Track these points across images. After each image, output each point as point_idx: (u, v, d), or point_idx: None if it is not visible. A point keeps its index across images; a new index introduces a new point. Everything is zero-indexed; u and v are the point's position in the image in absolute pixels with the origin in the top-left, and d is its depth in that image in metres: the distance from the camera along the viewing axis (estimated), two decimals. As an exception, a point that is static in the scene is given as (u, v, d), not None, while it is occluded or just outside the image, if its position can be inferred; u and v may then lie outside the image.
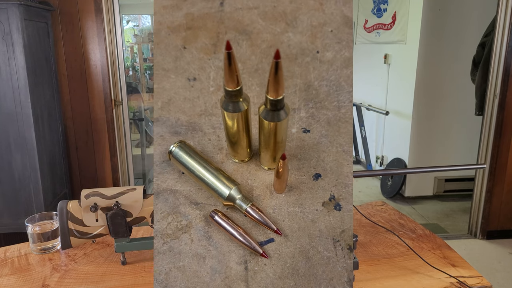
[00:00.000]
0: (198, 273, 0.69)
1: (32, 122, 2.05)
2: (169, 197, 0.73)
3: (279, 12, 0.79)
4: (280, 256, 0.70)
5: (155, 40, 0.80)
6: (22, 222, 1.16)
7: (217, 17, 0.80)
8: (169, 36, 0.80)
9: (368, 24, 4.14)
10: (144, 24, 6.42)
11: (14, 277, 0.94)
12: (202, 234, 0.71)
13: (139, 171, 3.98)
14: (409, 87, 3.46)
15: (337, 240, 0.71)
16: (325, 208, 0.72)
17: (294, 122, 0.76)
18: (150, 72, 5.90)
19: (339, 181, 0.73)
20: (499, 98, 2.65)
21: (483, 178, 2.84)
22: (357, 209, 1.23)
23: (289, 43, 0.78)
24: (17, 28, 1.95)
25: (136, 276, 0.93)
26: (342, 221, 0.72)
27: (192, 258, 0.70)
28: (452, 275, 0.93)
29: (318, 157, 0.74)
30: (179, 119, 0.77)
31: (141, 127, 4.15)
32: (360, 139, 4.28)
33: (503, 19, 2.57)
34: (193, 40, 0.80)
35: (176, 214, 0.72)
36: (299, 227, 0.71)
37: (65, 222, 0.92)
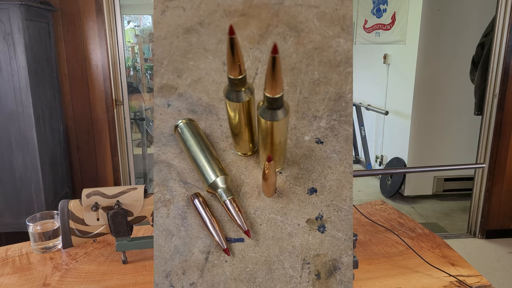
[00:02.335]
0: (161, 248, 0.69)
1: (33, 122, 2.05)
2: (164, 169, 0.73)
3: (339, 15, 0.77)
4: (243, 258, 0.68)
5: (207, 20, 0.81)
6: (23, 221, 1.17)
7: (274, 9, 0.80)
8: (222, 18, 0.80)
9: (367, 24, 4.14)
10: (145, 24, 6.42)
11: (15, 276, 0.94)
12: (179, 213, 0.71)
13: (140, 170, 3.98)
14: (408, 87, 3.46)
15: (307, 262, 0.67)
16: (307, 225, 0.69)
17: (310, 130, 0.74)
18: (150, 72, 5.90)
19: (334, 202, 0.70)
20: (498, 98, 2.66)
21: (482, 178, 2.84)
22: (356, 209, 1.23)
23: (337, 49, 0.76)
24: (18, 28, 1.96)
25: (137, 275, 0.94)
26: (320, 244, 0.68)
27: (162, 231, 0.70)
28: (452, 274, 0.93)
29: (321, 171, 0.72)
30: (201, 99, 0.77)
31: (142, 127, 4.15)
32: (359, 138, 4.29)
33: (503, 19, 2.57)
34: (242, 27, 0.80)
35: (163, 186, 0.72)
36: (273, 236, 0.69)
37: (66, 221, 0.93)
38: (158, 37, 0.81)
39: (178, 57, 0.80)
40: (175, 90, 0.78)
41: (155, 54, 0.81)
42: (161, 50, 0.81)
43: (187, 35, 0.81)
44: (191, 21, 0.82)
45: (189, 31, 0.81)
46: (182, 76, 0.79)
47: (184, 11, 0.82)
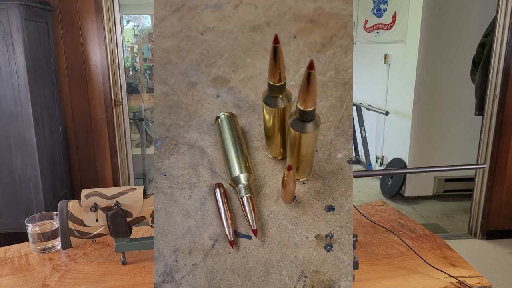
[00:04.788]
0: (176, 226, 0.72)
1: (32, 122, 2.05)
2: (197, 154, 0.77)
3: None
4: (246, 254, 0.70)
5: (274, 21, 0.82)
6: (22, 222, 1.16)
7: (344, 20, 0.80)
8: (289, 22, 0.82)
9: (368, 24, 4.14)
10: (144, 24, 6.42)
11: (14, 277, 0.94)
12: (200, 197, 0.74)
13: (139, 171, 3.98)
14: (409, 87, 3.46)
15: (305, 276, 0.68)
16: (315, 240, 0.70)
17: (346, 148, 0.75)
18: (150, 72, 5.89)
19: (348, 225, 0.70)
20: (499, 98, 2.66)
21: (483, 178, 2.84)
22: (357, 209, 1.23)
23: None
24: (17, 28, 1.95)
25: (136, 276, 0.93)
26: (323, 262, 0.69)
27: (180, 211, 0.73)
28: (452, 275, 0.93)
29: (344, 192, 0.72)
30: (248, 96, 0.80)
31: (141, 127, 4.15)
32: (360, 139, 4.28)
33: (503, 19, 2.57)
34: (307, 33, 0.81)
35: (193, 170, 0.75)
36: (280, 241, 0.70)
37: (65, 222, 0.92)
38: (224, 30, 0.84)
39: (238, 52, 0.83)
40: (227, 83, 0.81)
41: (218, 45, 0.83)
42: (224, 43, 0.83)
43: (252, 32, 0.83)
44: (259, 20, 0.84)
45: (255, 29, 0.83)
46: (237, 71, 0.82)
47: (256, 9, 0.84)
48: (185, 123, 0.79)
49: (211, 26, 0.84)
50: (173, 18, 0.85)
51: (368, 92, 4.22)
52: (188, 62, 0.83)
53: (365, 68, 4.24)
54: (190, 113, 0.80)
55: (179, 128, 0.79)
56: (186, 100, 0.81)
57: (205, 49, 0.83)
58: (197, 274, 0.69)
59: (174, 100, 0.81)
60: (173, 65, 0.83)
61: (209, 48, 0.83)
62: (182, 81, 0.82)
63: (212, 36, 0.84)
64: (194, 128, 0.79)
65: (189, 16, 0.85)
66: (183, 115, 0.80)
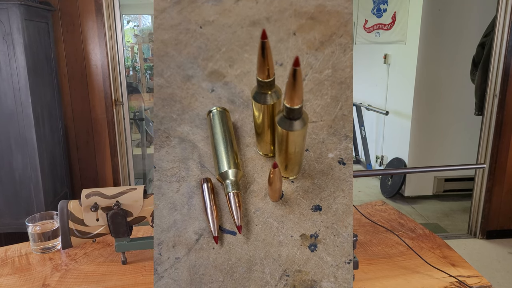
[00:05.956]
0: (162, 218, 0.72)
1: (32, 122, 2.05)
2: (188, 148, 0.76)
3: None
4: (229, 250, 0.70)
5: (274, 17, 0.82)
6: (22, 221, 1.16)
7: (345, 18, 0.79)
8: (290, 18, 0.81)
9: (368, 24, 4.14)
10: (145, 24, 6.42)
11: (14, 276, 0.94)
12: (188, 191, 0.73)
13: (140, 171, 3.98)
14: (408, 87, 3.46)
15: (287, 275, 0.67)
16: (300, 240, 0.69)
17: (337, 148, 0.74)
18: (150, 72, 5.89)
19: (334, 226, 0.69)
20: (499, 98, 2.66)
21: (483, 178, 2.84)
22: (357, 209, 1.23)
23: None
24: (18, 28, 1.95)
25: (136, 276, 0.93)
26: (306, 262, 0.68)
27: (167, 204, 0.73)
28: (452, 275, 0.93)
29: (333, 192, 0.71)
30: (243, 91, 0.79)
31: (142, 127, 4.15)
32: (360, 139, 4.28)
33: (503, 19, 2.57)
34: (306, 30, 0.80)
35: (182, 163, 0.75)
36: (264, 239, 0.69)
37: (65, 221, 0.92)
38: (224, 24, 0.83)
39: (236, 47, 0.82)
40: (223, 78, 0.80)
41: (216, 39, 0.82)
42: (223, 38, 0.82)
43: (252, 27, 0.82)
44: (259, 15, 0.83)
45: (254, 24, 0.83)
46: (233, 66, 0.81)
47: (257, 4, 0.83)
48: (178, 116, 0.78)
49: (210, 19, 0.84)
50: (173, 10, 0.85)
51: (368, 92, 4.22)
52: (185, 55, 0.82)
53: (365, 68, 4.24)
54: (184, 107, 0.79)
55: (171, 121, 0.78)
56: (181, 93, 0.80)
57: (203, 43, 0.83)
58: (179, 268, 0.69)
59: (169, 93, 0.80)
60: (169, 57, 0.82)
61: (207, 42, 0.83)
62: (178, 74, 0.81)
63: (211, 29, 0.83)
64: (187, 121, 0.78)
65: (189, 9, 0.85)
66: (176, 108, 0.79)
